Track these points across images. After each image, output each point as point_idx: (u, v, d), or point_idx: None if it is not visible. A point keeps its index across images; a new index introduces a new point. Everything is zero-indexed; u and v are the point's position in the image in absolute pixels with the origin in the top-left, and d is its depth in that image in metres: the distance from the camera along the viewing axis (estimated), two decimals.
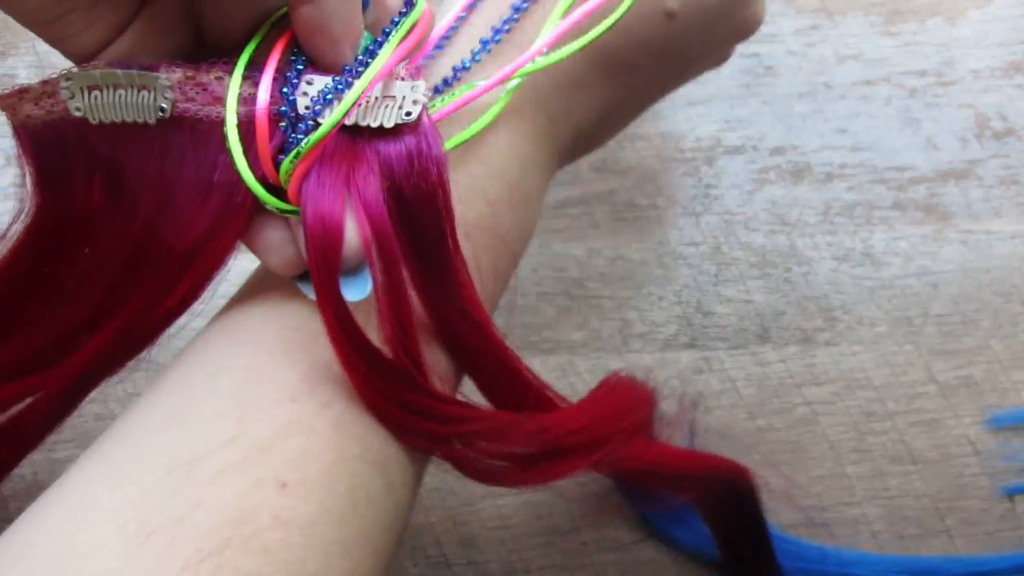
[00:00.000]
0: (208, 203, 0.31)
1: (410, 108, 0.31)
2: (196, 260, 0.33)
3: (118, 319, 0.36)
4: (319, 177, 0.30)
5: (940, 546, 0.49)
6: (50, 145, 0.33)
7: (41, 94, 0.32)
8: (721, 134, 0.54)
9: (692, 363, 0.51)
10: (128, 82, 0.31)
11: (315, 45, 0.31)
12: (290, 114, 0.30)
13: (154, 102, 0.31)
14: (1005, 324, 0.52)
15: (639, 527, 0.49)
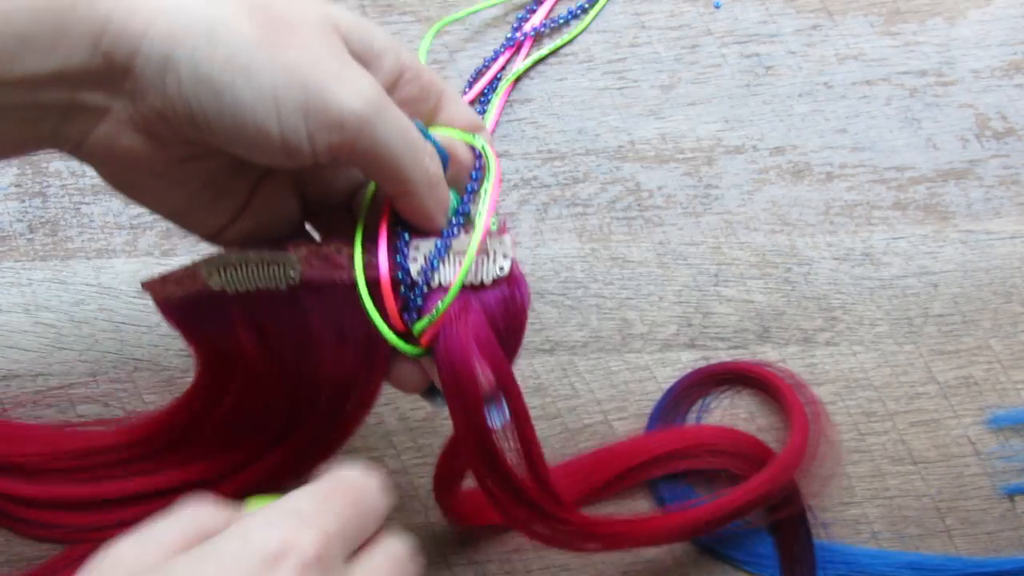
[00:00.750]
0: (346, 351, 0.38)
1: (502, 263, 0.37)
2: (350, 397, 0.41)
3: (289, 446, 0.44)
4: (445, 329, 0.36)
5: (940, 546, 0.49)
6: (191, 312, 0.40)
7: (182, 277, 0.38)
8: (721, 134, 0.54)
9: (692, 363, 0.51)
10: (259, 260, 0.37)
11: (415, 222, 0.37)
12: (406, 279, 0.36)
13: (284, 273, 0.37)
14: (1005, 324, 0.52)
15: None
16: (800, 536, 0.48)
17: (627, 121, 0.54)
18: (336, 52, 0.34)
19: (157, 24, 0.32)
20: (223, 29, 0.32)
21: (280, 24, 0.33)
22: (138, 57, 0.32)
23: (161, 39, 0.32)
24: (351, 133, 0.34)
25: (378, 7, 0.55)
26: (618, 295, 0.52)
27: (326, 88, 0.33)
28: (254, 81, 0.32)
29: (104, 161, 0.36)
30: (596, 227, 0.53)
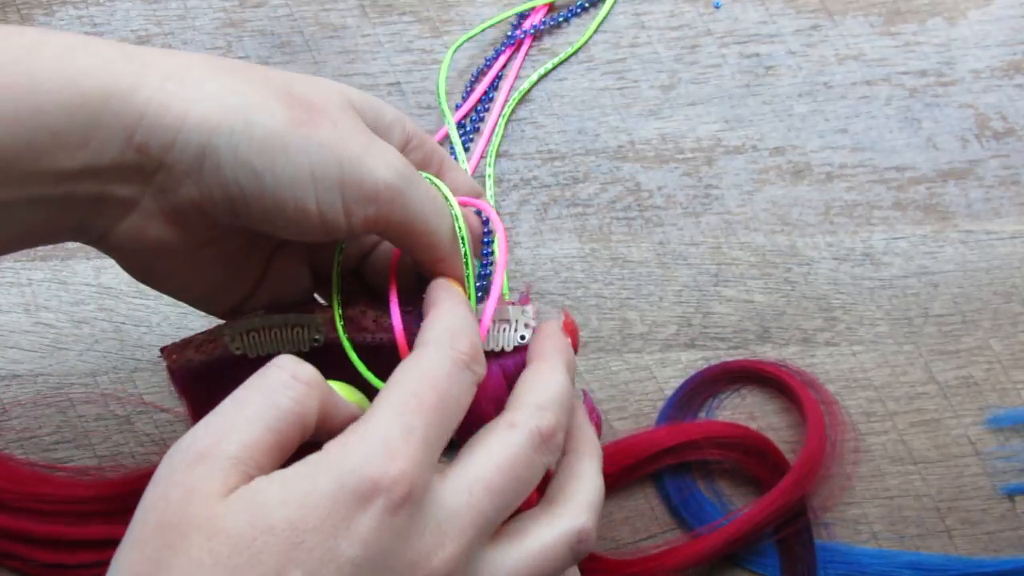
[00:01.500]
0: None
1: (523, 332, 0.38)
2: None
3: None
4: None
5: (940, 546, 0.49)
6: (203, 379, 0.40)
7: (203, 343, 0.39)
8: (721, 134, 0.54)
9: (692, 363, 0.51)
10: (284, 323, 0.38)
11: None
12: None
13: (308, 336, 0.38)
14: (1005, 324, 0.52)
15: (639, 527, 0.49)
16: (801, 535, 0.48)
17: (627, 121, 0.54)
18: (361, 128, 0.35)
19: (192, 114, 0.33)
20: (258, 114, 0.33)
21: (309, 106, 0.34)
22: (174, 149, 0.33)
23: (198, 128, 0.33)
24: (385, 205, 0.35)
25: (378, 7, 0.56)
26: (618, 295, 0.52)
27: (360, 163, 0.34)
28: (292, 161, 0.33)
29: (129, 253, 0.36)
30: (596, 227, 0.53)
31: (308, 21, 0.55)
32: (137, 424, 0.50)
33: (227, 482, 0.29)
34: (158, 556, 0.28)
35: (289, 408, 0.31)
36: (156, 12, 0.55)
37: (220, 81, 0.33)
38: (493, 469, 0.33)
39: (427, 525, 0.31)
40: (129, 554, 0.29)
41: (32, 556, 0.47)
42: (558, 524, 0.35)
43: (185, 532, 0.28)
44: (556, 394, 0.36)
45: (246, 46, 0.55)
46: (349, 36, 0.55)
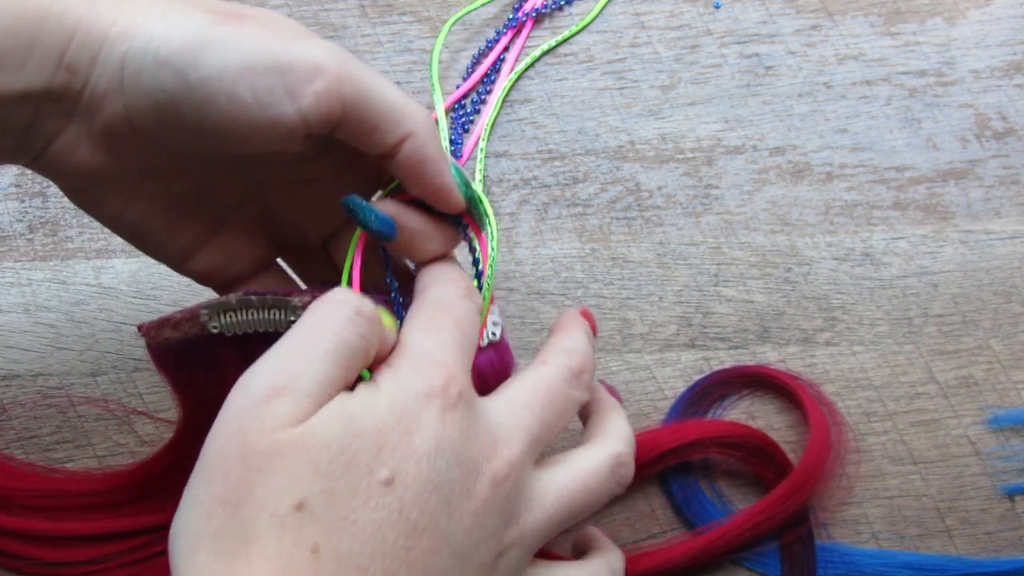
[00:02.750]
0: None
1: (494, 330, 0.39)
2: None
3: None
4: None
5: (940, 546, 0.49)
6: (183, 358, 0.40)
7: (181, 321, 0.39)
8: (721, 134, 0.54)
9: (692, 363, 0.51)
10: (261, 305, 0.37)
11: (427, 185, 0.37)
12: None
13: (284, 318, 0.38)
14: (1005, 324, 0.52)
15: (639, 528, 0.49)
16: (801, 534, 0.48)
17: (627, 121, 0.54)
18: (293, 24, 0.34)
19: (116, 28, 0.33)
20: (179, 17, 0.32)
21: (234, 11, 0.33)
22: (98, 63, 0.33)
23: (119, 39, 0.32)
24: (333, 79, 0.33)
25: (378, 7, 0.55)
26: (618, 295, 0.52)
27: (292, 46, 0.32)
28: (217, 53, 0.32)
29: (63, 174, 0.36)
30: (596, 227, 0.53)
31: (308, 21, 0.55)
32: (137, 424, 0.50)
33: (306, 413, 0.31)
34: (248, 479, 0.30)
35: (357, 345, 0.33)
36: None
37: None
38: (531, 391, 0.36)
39: (481, 427, 0.34)
40: (209, 487, 0.30)
41: (30, 554, 0.47)
42: (597, 451, 0.38)
43: (277, 452, 0.30)
44: (580, 343, 0.39)
45: None
46: (349, 36, 0.55)
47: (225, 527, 0.30)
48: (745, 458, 0.49)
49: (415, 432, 0.32)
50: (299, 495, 0.30)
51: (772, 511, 0.48)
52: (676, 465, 0.49)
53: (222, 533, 0.30)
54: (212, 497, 0.30)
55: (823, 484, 0.49)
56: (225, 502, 0.30)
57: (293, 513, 0.30)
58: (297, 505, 0.30)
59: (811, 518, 0.49)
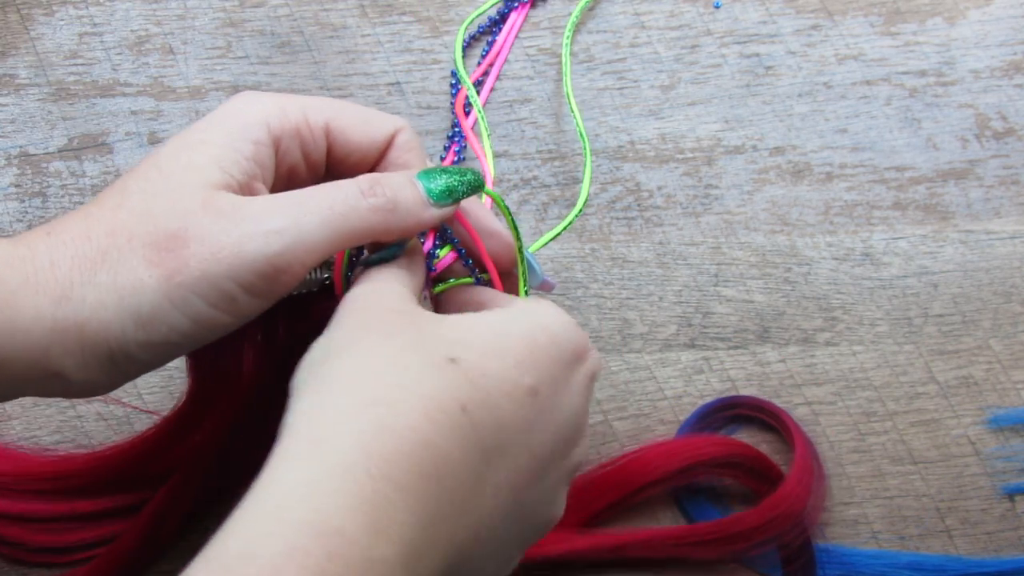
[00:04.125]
0: None
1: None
2: None
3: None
4: None
5: (940, 546, 0.49)
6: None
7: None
8: (721, 134, 0.54)
9: (692, 363, 0.51)
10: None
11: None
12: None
13: (319, 275, 0.40)
14: (1005, 324, 0.52)
15: (640, 527, 0.49)
16: (800, 538, 0.48)
17: (627, 121, 0.54)
18: (228, 221, 0.35)
19: (88, 330, 0.34)
20: (137, 296, 0.34)
21: (171, 242, 0.34)
22: (85, 366, 0.35)
23: (97, 341, 0.34)
24: (291, 265, 0.35)
25: (378, 7, 0.56)
26: (618, 295, 0.52)
27: (240, 260, 0.34)
28: (186, 309, 0.34)
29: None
30: (596, 227, 0.53)
31: (308, 21, 0.55)
32: (137, 424, 0.50)
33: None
34: (411, 324, 0.34)
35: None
36: (156, 12, 0.55)
37: (99, 281, 0.34)
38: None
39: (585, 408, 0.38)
40: (365, 331, 0.34)
41: (26, 539, 0.47)
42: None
43: (415, 318, 0.35)
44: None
45: (246, 46, 0.55)
46: (349, 36, 0.55)
47: (378, 360, 0.32)
48: (743, 476, 0.49)
49: (566, 376, 0.36)
50: (452, 353, 0.33)
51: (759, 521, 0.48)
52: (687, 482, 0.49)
53: (374, 367, 0.32)
54: (354, 332, 0.34)
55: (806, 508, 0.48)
56: (365, 333, 0.33)
57: (447, 364, 0.33)
58: (451, 359, 0.33)
59: (807, 526, 0.48)
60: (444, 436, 0.31)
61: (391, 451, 0.30)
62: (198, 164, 0.36)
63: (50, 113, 0.53)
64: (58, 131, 0.53)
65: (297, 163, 0.39)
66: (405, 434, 0.31)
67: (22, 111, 0.53)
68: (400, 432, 0.31)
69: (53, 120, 0.53)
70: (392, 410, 0.31)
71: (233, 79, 0.54)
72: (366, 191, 0.36)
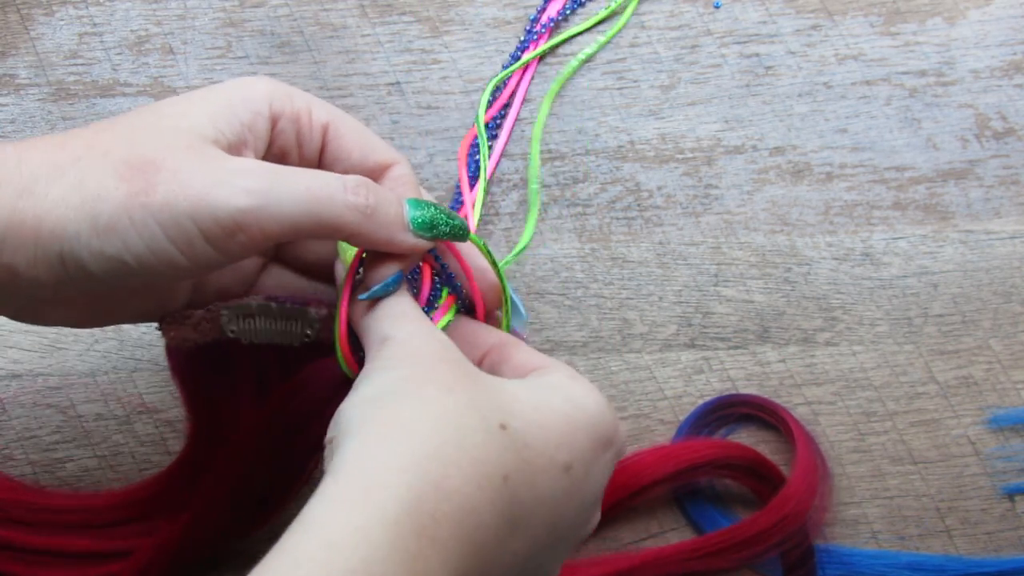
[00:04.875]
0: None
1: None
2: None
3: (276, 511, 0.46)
4: None
5: (940, 546, 0.49)
6: (197, 361, 0.41)
7: (201, 319, 0.39)
8: (721, 134, 0.54)
9: (692, 363, 0.51)
10: (280, 314, 0.39)
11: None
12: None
13: (301, 330, 0.39)
14: (1005, 324, 0.52)
15: (640, 527, 0.49)
16: (801, 541, 0.48)
17: (627, 121, 0.54)
18: (206, 165, 0.35)
19: (44, 227, 0.34)
20: (99, 203, 0.34)
21: (145, 166, 0.34)
22: (36, 263, 0.34)
23: (51, 238, 0.34)
24: (254, 227, 0.35)
25: (378, 7, 0.56)
26: (618, 295, 0.52)
27: (206, 202, 0.34)
28: (142, 232, 0.34)
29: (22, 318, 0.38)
30: (596, 227, 0.53)
31: (308, 21, 0.55)
32: (137, 424, 0.50)
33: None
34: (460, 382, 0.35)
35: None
36: (156, 12, 0.55)
37: (65, 180, 0.34)
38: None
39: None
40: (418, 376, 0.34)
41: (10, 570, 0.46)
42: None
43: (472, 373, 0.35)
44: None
45: (246, 46, 0.55)
46: (349, 36, 0.55)
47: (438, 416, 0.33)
48: (743, 478, 0.49)
49: (596, 457, 0.36)
50: (504, 418, 0.33)
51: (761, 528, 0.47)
52: (686, 484, 0.49)
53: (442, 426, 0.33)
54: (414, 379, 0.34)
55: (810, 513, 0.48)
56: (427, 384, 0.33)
57: (500, 430, 0.33)
58: (502, 426, 0.33)
59: (809, 530, 0.48)
60: (485, 503, 0.32)
61: (439, 512, 0.31)
62: (192, 114, 0.36)
63: (50, 113, 0.53)
64: (58, 131, 0.53)
65: (290, 148, 0.39)
66: (454, 497, 0.31)
67: (22, 111, 0.53)
68: (449, 494, 0.31)
69: (53, 120, 0.53)
70: (445, 471, 0.31)
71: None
72: (350, 188, 0.36)
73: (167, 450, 0.49)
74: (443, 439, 0.32)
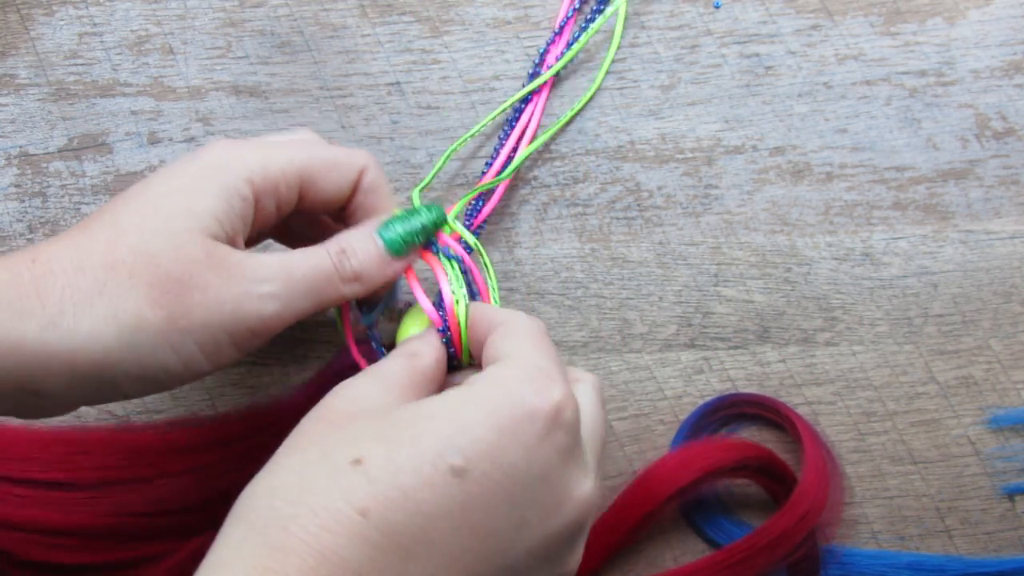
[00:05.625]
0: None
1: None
2: None
3: None
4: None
5: (940, 546, 0.49)
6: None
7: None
8: (721, 134, 0.54)
9: (692, 363, 0.51)
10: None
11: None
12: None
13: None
14: (1005, 324, 0.52)
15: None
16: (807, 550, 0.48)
17: (627, 121, 0.54)
18: (231, 278, 0.37)
19: (78, 360, 0.34)
20: (135, 331, 0.35)
21: (175, 285, 0.35)
22: (71, 391, 0.35)
23: (89, 368, 0.35)
24: (276, 326, 0.38)
25: (378, 7, 0.56)
26: (618, 295, 0.52)
27: (239, 317, 0.36)
28: (182, 353, 0.36)
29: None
30: (596, 227, 0.53)
31: (308, 21, 0.55)
32: (137, 424, 0.50)
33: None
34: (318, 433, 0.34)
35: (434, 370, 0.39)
36: (156, 12, 0.55)
37: (95, 311, 0.34)
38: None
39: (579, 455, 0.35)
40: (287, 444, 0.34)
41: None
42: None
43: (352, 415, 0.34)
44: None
45: (246, 46, 0.55)
46: (349, 36, 0.55)
47: (286, 476, 0.32)
48: (757, 478, 0.49)
49: (510, 441, 0.33)
50: (359, 452, 0.31)
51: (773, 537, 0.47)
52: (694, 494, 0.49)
53: (281, 484, 0.32)
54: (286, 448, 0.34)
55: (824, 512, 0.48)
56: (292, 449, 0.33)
57: (349, 467, 0.31)
58: (355, 461, 0.31)
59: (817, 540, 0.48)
60: (345, 545, 0.30)
61: (289, 569, 0.30)
62: (196, 212, 0.37)
63: (50, 113, 0.53)
64: (58, 131, 0.53)
65: (269, 214, 0.40)
66: (301, 550, 0.30)
67: (22, 111, 0.53)
68: (295, 549, 0.30)
69: (53, 120, 0.53)
70: (284, 530, 0.31)
71: (233, 79, 0.54)
72: (336, 263, 0.39)
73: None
74: (283, 500, 0.31)
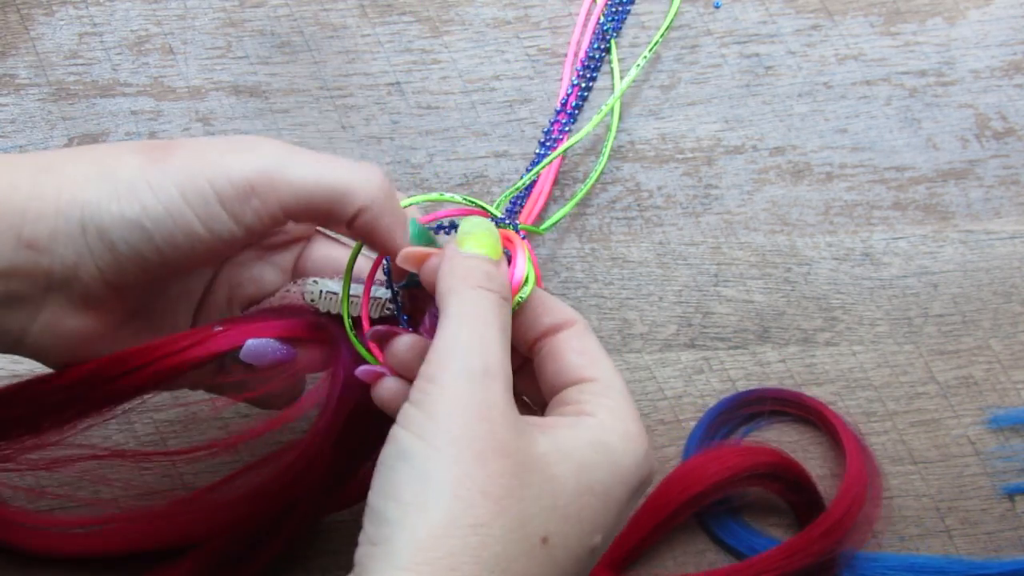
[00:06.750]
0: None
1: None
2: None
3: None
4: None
5: (940, 546, 0.49)
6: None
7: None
8: (721, 134, 0.54)
9: (692, 363, 0.51)
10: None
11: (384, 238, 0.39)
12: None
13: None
14: (1005, 324, 0.52)
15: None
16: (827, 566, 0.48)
17: (627, 121, 0.54)
18: (223, 142, 0.37)
19: (63, 197, 0.35)
20: (117, 170, 0.35)
21: (162, 144, 0.36)
22: (59, 234, 0.35)
23: (71, 206, 0.35)
24: (267, 191, 0.35)
25: (378, 7, 0.56)
26: (618, 295, 0.52)
27: (222, 164, 0.35)
28: (159, 194, 0.35)
29: (50, 349, 0.38)
30: (596, 227, 0.53)
31: (308, 21, 0.55)
32: (137, 424, 0.50)
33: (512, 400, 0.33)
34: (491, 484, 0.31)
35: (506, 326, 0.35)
36: (156, 12, 0.55)
37: (84, 159, 0.36)
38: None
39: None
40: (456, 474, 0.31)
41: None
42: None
43: (523, 463, 0.32)
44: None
45: (246, 46, 0.55)
46: (349, 36, 0.55)
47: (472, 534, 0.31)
48: (778, 488, 0.48)
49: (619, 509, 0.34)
50: (544, 531, 0.32)
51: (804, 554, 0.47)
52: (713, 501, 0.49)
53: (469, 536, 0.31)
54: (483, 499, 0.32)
55: (855, 530, 0.47)
56: (488, 500, 0.31)
57: (540, 547, 0.32)
58: (543, 539, 0.32)
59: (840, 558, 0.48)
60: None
61: None
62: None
63: (50, 113, 0.53)
64: (58, 131, 0.53)
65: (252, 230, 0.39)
66: None
67: (22, 111, 0.53)
68: None
69: (53, 120, 0.53)
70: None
71: (233, 79, 0.54)
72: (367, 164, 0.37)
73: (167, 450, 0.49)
74: (488, 569, 0.31)
